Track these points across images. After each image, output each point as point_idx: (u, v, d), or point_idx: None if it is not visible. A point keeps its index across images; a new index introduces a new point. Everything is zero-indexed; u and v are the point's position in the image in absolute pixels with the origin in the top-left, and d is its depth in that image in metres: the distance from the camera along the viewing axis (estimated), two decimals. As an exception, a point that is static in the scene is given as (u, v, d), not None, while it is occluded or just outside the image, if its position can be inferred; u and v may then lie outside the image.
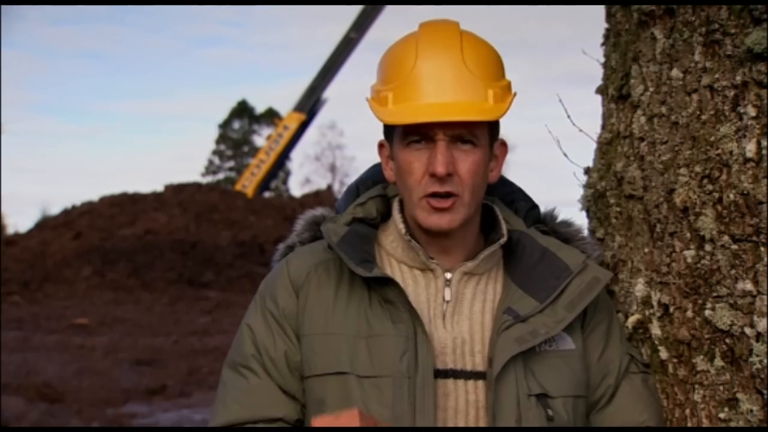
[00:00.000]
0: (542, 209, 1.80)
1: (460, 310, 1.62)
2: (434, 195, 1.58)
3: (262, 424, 1.62)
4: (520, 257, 1.68)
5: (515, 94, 1.63)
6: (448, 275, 1.64)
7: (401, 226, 1.66)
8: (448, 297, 1.63)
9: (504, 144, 1.71)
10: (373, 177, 1.79)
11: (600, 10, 2.02)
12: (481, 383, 1.57)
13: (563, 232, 1.76)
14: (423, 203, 1.59)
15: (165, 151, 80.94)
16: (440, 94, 1.56)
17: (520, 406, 1.54)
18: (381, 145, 1.70)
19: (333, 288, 1.64)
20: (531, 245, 1.69)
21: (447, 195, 1.57)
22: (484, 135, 1.61)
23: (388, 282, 1.58)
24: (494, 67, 1.63)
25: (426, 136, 1.57)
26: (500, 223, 1.69)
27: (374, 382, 1.54)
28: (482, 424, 1.56)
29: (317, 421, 1.39)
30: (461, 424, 1.56)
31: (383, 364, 1.55)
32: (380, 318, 1.59)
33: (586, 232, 1.79)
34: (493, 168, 1.68)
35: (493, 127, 1.64)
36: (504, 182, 1.79)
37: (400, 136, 1.60)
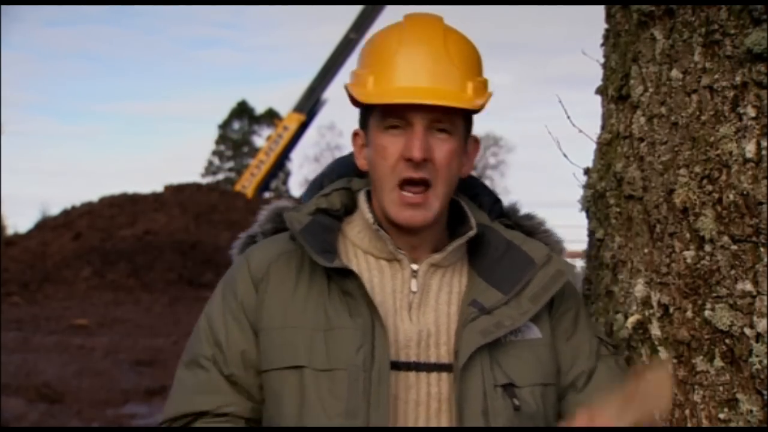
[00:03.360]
0: (505, 203, 1.82)
1: (426, 301, 1.63)
2: (409, 182, 1.58)
3: (209, 418, 1.61)
4: (485, 251, 1.69)
5: (491, 94, 1.65)
6: (415, 266, 1.64)
7: (369, 215, 1.65)
8: (414, 288, 1.63)
9: (477, 141, 1.72)
10: (338, 170, 1.79)
11: (597, 11, 2.02)
12: (444, 375, 1.58)
13: (527, 225, 1.77)
14: (395, 196, 1.60)
15: (164, 152, 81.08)
16: (421, 79, 1.57)
17: (486, 396, 1.55)
18: (355, 134, 1.70)
19: (293, 279, 1.63)
20: (496, 239, 1.70)
21: (420, 182, 1.58)
22: (459, 126, 1.62)
23: (348, 273, 1.58)
24: (474, 62, 1.65)
25: (403, 120, 1.58)
26: (468, 217, 1.70)
27: (330, 376, 1.54)
28: (444, 416, 1.56)
29: None
30: (422, 417, 1.56)
31: (339, 357, 1.54)
32: (338, 310, 1.58)
33: (548, 225, 1.81)
34: (465, 163, 1.69)
35: (468, 120, 1.66)
36: (467, 177, 1.79)
37: (377, 119, 1.61)
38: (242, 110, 49.42)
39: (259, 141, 46.10)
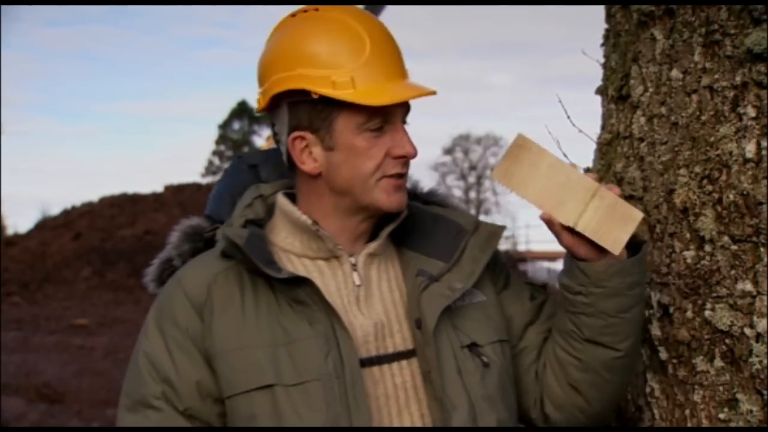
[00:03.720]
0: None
1: (370, 293, 1.62)
2: (398, 176, 1.57)
3: None
4: (412, 227, 1.68)
5: None
6: (353, 259, 1.62)
7: (304, 217, 1.61)
8: (357, 281, 1.61)
9: None
10: (242, 182, 1.74)
11: (597, 11, 2.02)
12: (405, 363, 1.57)
13: (436, 201, 1.77)
14: (383, 183, 1.57)
15: (164, 152, 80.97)
16: (398, 71, 1.57)
17: (456, 358, 1.56)
18: (295, 138, 1.59)
19: (238, 297, 1.56)
20: (419, 213, 1.70)
21: (403, 175, 1.59)
22: None
23: (297, 282, 1.53)
24: None
25: (387, 119, 1.56)
26: None
27: (303, 389, 1.49)
28: (413, 405, 1.55)
29: None
30: (394, 410, 1.55)
31: (309, 368, 1.50)
32: (294, 321, 1.54)
33: (454, 199, 1.83)
34: None
35: None
36: None
37: (354, 120, 1.55)
38: (242, 110, 49.41)
39: (259, 141, 46.11)
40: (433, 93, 1.57)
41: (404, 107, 1.57)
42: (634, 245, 1.54)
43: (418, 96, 1.55)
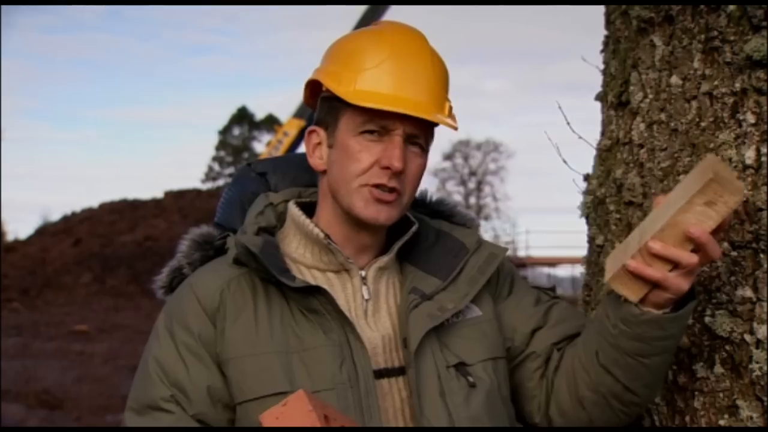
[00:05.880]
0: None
1: (378, 307, 1.62)
2: (379, 187, 1.56)
3: None
4: (415, 241, 1.68)
5: (455, 118, 1.65)
6: (363, 273, 1.62)
7: (316, 230, 1.61)
8: (366, 295, 1.61)
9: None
10: (251, 188, 1.75)
11: (597, 18, 2.03)
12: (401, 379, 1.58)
13: (444, 210, 1.77)
14: (364, 191, 1.56)
15: (164, 158, 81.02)
16: (411, 90, 1.56)
17: (441, 379, 1.55)
18: (311, 132, 1.66)
19: (251, 305, 1.56)
20: (425, 228, 1.70)
21: (391, 190, 1.57)
22: (429, 143, 1.62)
23: (311, 291, 1.54)
24: (447, 84, 1.64)
25: (383, 128, 1.56)
26: (407, 214, 1.68)
27: (317, 397, 1.46)
28: (409, 419, 1.55)
29: (265, 417, 1.32)
30: (401, 424, 1.55)
31: (324, 377, 1.50)
32: (308, 330, 1.54)
33: (460, 207, 1.82)
34: None
35: (432, 138, 1.65)
36: None
37: (353, 122, 1.57)
38: (242, 116, 49.44)
39: (259, 147, 46.12)
40: (436, 123, 1.56)
41: (410, 124, 1.56)
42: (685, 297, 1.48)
43: (414, 113, 1.53)
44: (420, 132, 1.58)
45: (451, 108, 1.62)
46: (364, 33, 1.65)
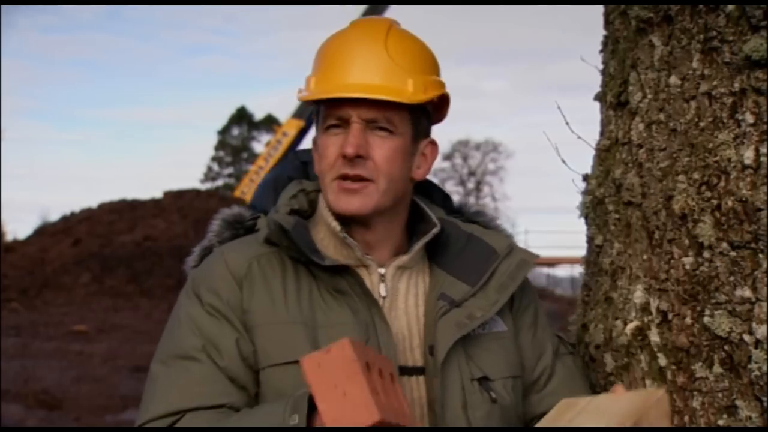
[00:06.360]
0: (454, 200, 1.82)
1: (395, 305, 1.62)
2: (345, 178, 1.57)
3: (201, 412, 1.51)
4: (446, 244, 1.68)
5: (444, 94, 1.65)
6: (382, 270, 1.63)
7: (335, 224, 1.63)
8: (383, 293, 1.62)
9: (434, 143, 1.71)
10: (288, 173, 1.77)
11: (596, 18, 2.03)
12: (421, 379, 1.58)
13: (480, 222, 1.77)
14: (334, 185, 1.59)
15: (163, 158, 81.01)
16: (360, 75, 1.57)
17: (465, 391, 1.56)
18: (315, 141, 1.69)
19: (279, 279, 1.59)
20: (455, 231, 1.70)
21: (357, 179, 1.57)
22: (403, 125, 1.61)
23: (340, 271, 1.56)
24: (422, 61, 1.63)
25: (342, 120, 1.58)
26: (429, 214, 1.70)
27: None
28: (426, 421, 1.55)
29: (306, 361, 1.31)
30: None
31: None
32: (335, 309, 1.56)
33: (499, 221, 1.82)
34: (420, 165, 1.68)
35: (418, 121, 1.64)
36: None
37: (321, 121, 1.62)
38: (241, 116, 49.43)
39: (258, 147, 46.10)
40: (397, 102, 1.56)
41: (363, 108, 1.56)
42: None
43: (355, 94, 1.55)
44: (379, 115, 1.57)
45: (424, 84, 1.60)
46: (332, 34, 1.68)
